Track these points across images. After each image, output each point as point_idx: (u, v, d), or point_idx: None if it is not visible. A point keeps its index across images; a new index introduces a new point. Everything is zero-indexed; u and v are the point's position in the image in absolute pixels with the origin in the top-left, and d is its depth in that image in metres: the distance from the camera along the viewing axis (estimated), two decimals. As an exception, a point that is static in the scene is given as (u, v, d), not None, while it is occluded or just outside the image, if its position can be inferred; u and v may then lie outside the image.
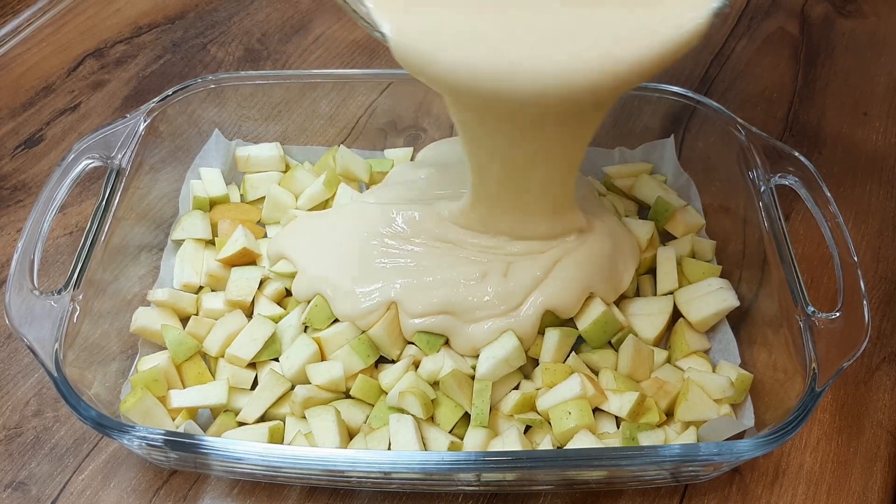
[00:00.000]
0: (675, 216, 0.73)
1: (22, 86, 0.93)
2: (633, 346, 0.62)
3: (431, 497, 0.59)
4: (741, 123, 0.68)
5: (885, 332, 0.69)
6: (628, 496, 0.59)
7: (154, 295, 0.67)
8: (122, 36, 1.00)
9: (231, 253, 0.69)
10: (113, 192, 0.65)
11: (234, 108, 0.78)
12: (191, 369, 0.64)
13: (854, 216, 0.78)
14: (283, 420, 0.61)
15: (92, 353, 0.60)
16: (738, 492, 0.60)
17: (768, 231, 0.62)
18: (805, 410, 0.51)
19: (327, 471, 0.54)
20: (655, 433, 0.59)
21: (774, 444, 0.51)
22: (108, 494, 0.59)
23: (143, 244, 0.71)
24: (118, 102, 0.91)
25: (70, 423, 0.63)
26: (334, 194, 0.75)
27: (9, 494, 0.59)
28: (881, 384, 0.66)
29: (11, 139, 0.87)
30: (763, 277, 0.63)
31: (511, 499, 0.59)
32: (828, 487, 0.60)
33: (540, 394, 0.61)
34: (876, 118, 0.88)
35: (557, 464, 0.52)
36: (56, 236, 0.76)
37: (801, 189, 0.62)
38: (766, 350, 0.62)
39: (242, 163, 0.78)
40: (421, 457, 0.53)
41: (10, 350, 0.68)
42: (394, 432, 0.58)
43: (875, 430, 0.63)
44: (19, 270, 0.57)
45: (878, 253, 0.75)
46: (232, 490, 0.60)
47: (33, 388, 0.66)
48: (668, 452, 0.51)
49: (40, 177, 0.82)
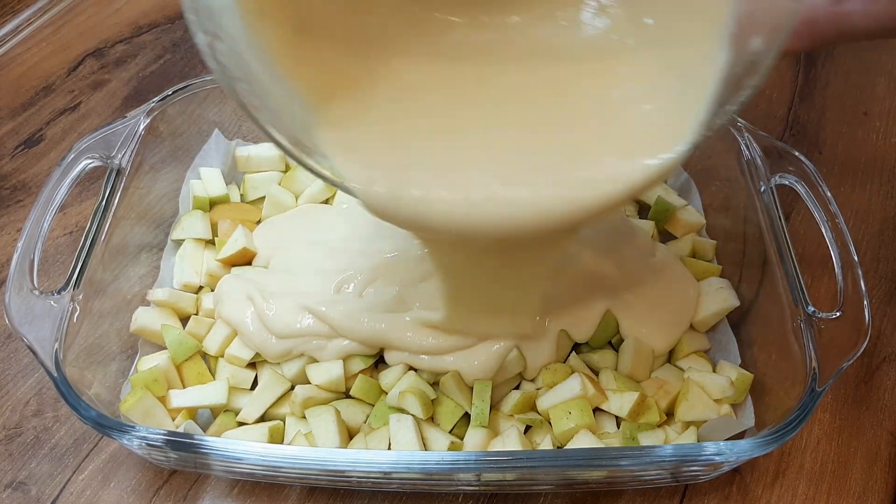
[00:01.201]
0: (675, 216, 0.73)
1: (22, 86, 0.93)
2: (633, 346, 0.62)
3: (431, 497, 0.59)
4: (741, 123, 0.68)
5: (885, 332, 0.69)
6: (628, 496, 0.59)
7: (154, 295, 0.67)
8: (122, 36, 1.00)
9: (231, 253, 0.69)
10: (113, 191, 0.65)
11: (235, 107, 0.77)
12: (191, 369, 0.63)
13: (854, 216, 0.78)
14: (282, 420, 0.61)
15: (92, 352, 0.60)
16: (738, 492, 0.60)
17: (768, 231, 0.62)
18: (805, 410, 0.51)
19: (327, 471, 0.54)
20: (655, 433, 0.59)
21: (774, 444, 0.50)
22: (108, 494, 0.59)
23: (143, 244, 0.71)
24: (118, 102, 0.91)
25: (70, 423, 0.63)
26: (334, 194, 0.75)
27: (9, 494, 0.59)
28: (881, 384, 0.66)
29: (11, 139, 0.87)
30: (763, 277, 0.63)
31: (511, 499, 0.59)
32: (828, 487, 0.60)
33: (540, 394, 0.61)
34: (876, 118, 0.88)
35: (557, 464, 0.52)
36: (56, 236, 0.76)
37: (801, 189, 0.62)
38: (767, 350, 0.62)
39: (242, 163, 0.78)
40: (421, 457, 0.53)
41: (10, 350, 0.68)
42: (394, 432, 0.58)
43: (875, 430, 0.63)
44: (19, 270, 0.56)
45: (878, 253, 0.75)
46: (232, 490, 0.60)
47: (33, 388, 0.66)
48: (668, 452, 0.51)
49: (40, 177, 0.82)
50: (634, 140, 0.45)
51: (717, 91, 0.43)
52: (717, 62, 0.43)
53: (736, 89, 0.42)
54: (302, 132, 0.45)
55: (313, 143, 0.45)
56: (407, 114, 0.47)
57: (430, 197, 0.44)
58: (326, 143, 0.45)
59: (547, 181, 0.44)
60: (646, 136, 0.45)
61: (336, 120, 0.46)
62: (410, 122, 0.47)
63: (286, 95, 0.45)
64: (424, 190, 0.44)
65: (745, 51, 0.42)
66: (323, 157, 0.45)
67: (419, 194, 0.44)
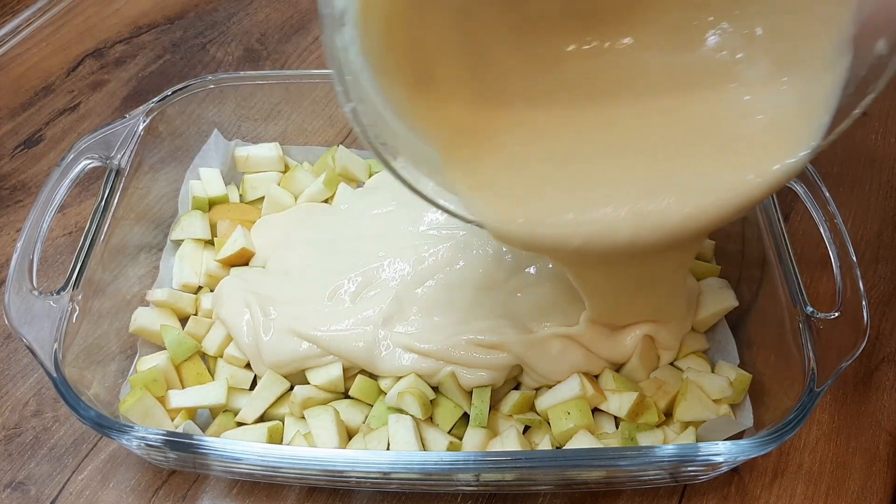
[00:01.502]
0: (674, 216, 0.73)
1: (22, 86, 0.93)
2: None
3: (430, 497, 0.59)
4: (740, 123, 0.68)
5: (884, 333, 0.69)
6: (627, 496, 0.59)
7: (153, 295, 0.67)
8: (122, 36, 1.00)
9: (230, 253, 0.69)
10: (112, 192, 0.65)
11: (234, 108, 0.78)
12: (190, 369, 0.64)
13: (853, 216, 0.78)
14: (282, 420, 0.61)
15: (91, 353, 0.60)
16: (736, 492, 0.60)
17: (767, 231, 0.62)
18: (804, 410, 0.51)
19: (326, 471, 0.54)
20: (654, 433, 0.59)
21: (773, 444, 0.51)
22: (108, 494, 0.59)
23: (143, 244, 0.71)
24: (118, 102, 0.91)
25: (69, 423, 0.63)
26: (334, 194, 0.75)
27: (8, 494, 0.59)
28: (880, 384, 0.66)
29: (11, 139, 0.87)
30: (762, 277, 0.63)
31: (510, 499, 0.59)
32: (826, 487, 0.60)
33: (539, 394, 0.61)
34: (876, 118, 0.88)
35: (556, 464, 0.52)
36: (56, 236, 0.76)
37: (799, 189, 0.62)
38: (765, 350, 0.62)
39: (242, 163, 0.78)
40: (420, 457, 0.53)
41: (10, 350, 0.68)
42: (393, 432, 0.58)
43: (874, 431, 0.63)
44: (19, 270, 0.57)
45: (876, 253, 0.75)
46: (231, 490, 0.60)
47: (33, 388, 0.66)
48: (667, 452, 0.51)
49: (40, 177, 0.83)
50: (759, 148, 0.46)
51: (838, 95, 0.44)
52: (838, 67, 0.43)
53: (860, 92, 0.42)
54: (436, 176, 0.48)
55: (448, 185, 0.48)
56: (533, 149, 0.49)
57: (566, 220, 0.46)
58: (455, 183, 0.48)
59: (684, 190, 0.45)
60: (770, 143, 0.45)
61: (459, 161, 0.48)
62: (537, 156, 0.49)
63: (417, 143, 0.47)
64: (560, 214, 0.46)
65: (868, 54, 0.42)
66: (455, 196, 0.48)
67: (556, 220, 0.46)
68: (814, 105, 0.44)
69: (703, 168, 0.46)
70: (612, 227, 0.45)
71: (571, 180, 0.48)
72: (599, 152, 0.48)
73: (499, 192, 0.48)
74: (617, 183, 0.47)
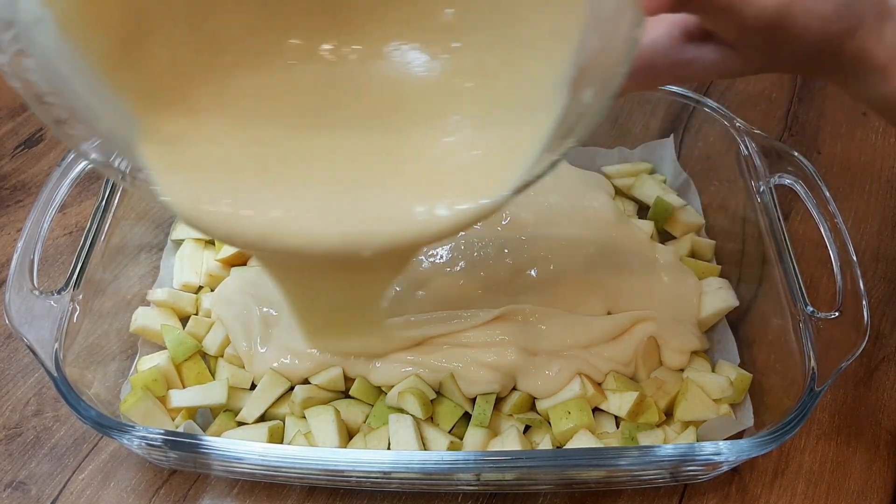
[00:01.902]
0: (674, 216, 0.73)
1: (22, 86, 0.93)
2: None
3: (431, 497, 0.59)
4: (740, 123, 0.68)
5: (884, 332, 0.69)
6: (627, 496, 0.59)
7: (154, 295, 0.67)
8: (122, 36, 1.00)
9: (231, 253, 0.69)
10: (113, 192, 0.65)
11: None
12: (190, 369, 0.64)
13: (853, 216, 0.78)
14: (282, 420, 0.61)
15: (92, 352, 0.60)
16: (737, 491, 0.60)
17: (768, 231, 0.62)
18: (804, 410, 0.51)
19: (327, 471, 0.54)
20: (655, 433, 0.59)
21: (773, 444, 0.51)
22: (108, 494, 0.59)
23: (143, 244, 0.71)
24: (118, 102, 0.91)
25: (70, 423, 0.63)
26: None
27: (9, 494, 0.59)
28: (880, 384, 0.66)
29: (11, 139, 0.87)
30: (762, 277, 0.63)
31: (510, 499, 0.59)
32: (827, 487, 0.60)
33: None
34: (875, 118, 0.88)
35: (557, 464, 0.52)
36: (56, 236, 0.76)
37: (800, 189, 0.62)
38: (766, 350, 0.62)
39: (242, 163, 0.78)
40: (420, 457, 0.53)
41: (10, 350, 0.68)
42: (393, 432, 0.58)
43: (874, 430, 0.63)
44: (19, 270, 0.57)
45: (877, 253, 0.75)
46: (232, 490, 0.60)
47: (33, 387, 0.66)
48: (667, 452, 0.51)
49: (40, 177, 0.83)
50: (455, 184, 0.44)
51: (548, 136, 0.43)
52: (554, 108, 0.43)
53: (565, 136, 0.42)
54: (123, 147, 0.44)
55: (135, 158, 0.44)
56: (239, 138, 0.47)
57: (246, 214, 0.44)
58: (150, 159, 0.44)
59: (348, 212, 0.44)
60: (471, 180, 0.44)
61: (163, 137, 0.45)
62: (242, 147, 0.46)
63: (108, 108, 0.44)
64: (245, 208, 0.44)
65: (578, 100, 0.42)
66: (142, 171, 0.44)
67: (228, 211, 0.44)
68: (524, 145, 0.43)
69: (397, 196, 0.44)
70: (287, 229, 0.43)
71: (267, 177, 0.46)
72: (309, 155, 0.46)
73: (196, 176, 0.45)
74: (309, 188, 0.45)
